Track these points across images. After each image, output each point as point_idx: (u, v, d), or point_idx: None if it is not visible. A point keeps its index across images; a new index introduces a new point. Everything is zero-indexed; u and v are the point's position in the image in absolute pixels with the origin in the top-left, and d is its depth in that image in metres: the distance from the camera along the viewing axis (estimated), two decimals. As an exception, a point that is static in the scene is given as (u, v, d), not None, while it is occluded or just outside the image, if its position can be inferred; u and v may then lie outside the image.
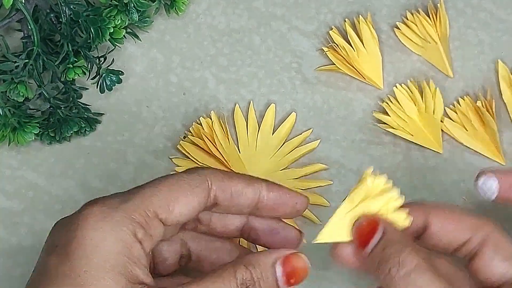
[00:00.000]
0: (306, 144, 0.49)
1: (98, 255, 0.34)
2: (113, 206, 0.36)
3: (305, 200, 0.40)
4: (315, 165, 0.48)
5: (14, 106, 0.45)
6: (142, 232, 0.36)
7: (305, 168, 0.48)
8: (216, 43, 0.51)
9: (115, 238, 0.35)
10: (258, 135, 0.49)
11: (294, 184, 0.48)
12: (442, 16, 0.50)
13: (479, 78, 0.50)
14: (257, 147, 0.49)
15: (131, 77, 0.51)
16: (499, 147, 0.48)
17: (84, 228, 0.35)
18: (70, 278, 0.34)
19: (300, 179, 0.48)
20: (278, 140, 0.49)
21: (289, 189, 0.40)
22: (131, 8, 0.47)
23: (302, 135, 0.49)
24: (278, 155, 0.49)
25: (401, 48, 0.51)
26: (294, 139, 0.49)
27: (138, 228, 0.36)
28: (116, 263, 0.35)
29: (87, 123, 0.48)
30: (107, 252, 0.35)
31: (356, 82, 0.50)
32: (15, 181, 0.49)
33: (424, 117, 0.48)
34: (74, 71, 0.46)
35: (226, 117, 0.49)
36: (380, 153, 0.49)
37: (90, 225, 0.35)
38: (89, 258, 0.34)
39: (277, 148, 0.49)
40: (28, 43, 0.47)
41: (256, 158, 0.48)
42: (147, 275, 0.36)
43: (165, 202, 0.37)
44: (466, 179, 0.48)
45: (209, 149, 0.48)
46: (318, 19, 0.51)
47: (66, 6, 0.46)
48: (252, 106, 0.49)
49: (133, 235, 0.35)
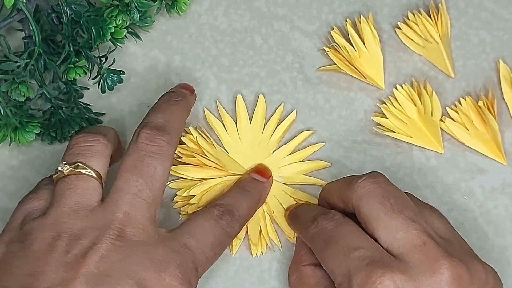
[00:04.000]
0: (310, 145, 0.49)
1: None
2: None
3: None
4: (317, 162, 0.49)
5: (15, 106, 0.45)
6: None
7: (303, 151, 0.49)
8: (218, 43, 0.51)
9: None
10: (243, 129, 0.49)
11: (293, 168, 0.48)
12: (444, 16, 0.50)
13: (481, 78, 0.50)
14: (242, 140, 0.49)
15: (132, 77, 0.51)
16: (500, 147, 0.48)
17: None
18: None
19: (299, 164, 0.48)
20: (268, 130, 0.49)
21: None
22: (132, 8, 0.47)
23: (287, 120, 0.49)
24: (263, 140, 0.49)
25: (402, 48, 0.51)
26: (273, 118, 0.49)
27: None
28: None
29: (89, 123, 0.48)
30: None
31: (358, 82, 0.50)
32: (16, 181, 0.49)
33: (424, 118, 0.48)
34: (75, 71, 0.46)
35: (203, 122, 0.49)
36: (382, 153, 0.49)
37: None
38: None
39: (266, 137, 0.49)
40: (30, 43, 0.47)
41: (247, 151, 0.49)
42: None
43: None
44: (468, 179, 0.48)
45: (202, 163, 0.48)
46: (320, 19, 0.51)
47: (67, 6, 0.46)
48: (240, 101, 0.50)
49: None
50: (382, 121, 0.49)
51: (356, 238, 0.39)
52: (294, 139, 0.49)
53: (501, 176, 0.48)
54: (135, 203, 0.41)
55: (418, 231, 0.38)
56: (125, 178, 0.41)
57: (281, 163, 0.48)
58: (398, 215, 0.39)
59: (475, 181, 0.48)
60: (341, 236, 0.40)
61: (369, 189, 0.41)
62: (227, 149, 0.49)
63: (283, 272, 0.46)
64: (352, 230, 0.40)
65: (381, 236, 0.39)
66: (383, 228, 0.39)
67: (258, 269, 0.47)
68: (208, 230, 0.42)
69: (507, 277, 0.46)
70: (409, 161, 0.48)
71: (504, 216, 0.47)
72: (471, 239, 0.46)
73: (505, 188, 0.48)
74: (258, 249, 0.47)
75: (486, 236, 0.47)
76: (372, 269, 0.37)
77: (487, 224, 0.47)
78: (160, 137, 0.42)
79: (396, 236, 0.39)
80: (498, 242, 0.47)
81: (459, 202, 0.48)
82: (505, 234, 0.47)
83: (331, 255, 0.40)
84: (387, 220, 0.39)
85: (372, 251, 0.38)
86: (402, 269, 0.37)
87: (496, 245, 0.47)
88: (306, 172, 0.48)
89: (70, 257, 0.39)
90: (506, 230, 0.47)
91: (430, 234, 0.39)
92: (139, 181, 0.41)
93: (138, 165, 0.41)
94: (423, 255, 0.38)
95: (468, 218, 0.47)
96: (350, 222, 0.41)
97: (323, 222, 0.41)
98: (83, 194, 0.41)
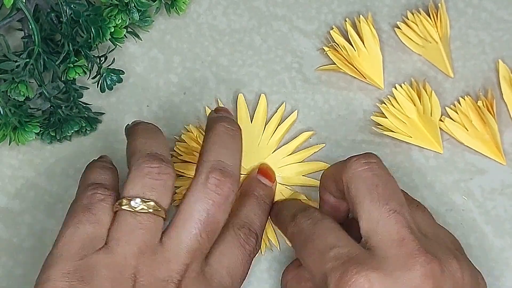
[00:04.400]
0: (310, 146, 0.49)
1: None
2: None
3: None
4: (317, 163, 0.49)
5: (14, 105, 0.45)
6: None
7: (303, 151, 0.49)
8: (217, 43, 0.51)
9: None
10: (244, 128, 0.49)
11: (293, 169, 0.48)
12: (443, 16, 0.50)
13: (480, 78, 0.50)
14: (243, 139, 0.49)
15: (132, 77, 0.51)
16: (499, 147, 0.48)
17: None
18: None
19: (299, 164, 0.49)
20: (269, 131, 0.49)
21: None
22: (131, 7, 0.47)
23: (289, 119, 0.49)
24: (264, 140, 0.49)
25: (401, 48, 0.51)
26: (274, 117, 0.49)
27: None
28: None
29: (88, 122, 0.48)
30: None
31: (357, 82, 0.50)
32: (16, 181, 0.49)
33: (423, 118, 0.48)
34: (75, 71, 0.46)
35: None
36: (381, 153, 0.49)
37: None
38: None
39: (266, 137, 0.49)
40: (29, 42, 0.47)
41: (247, 151, 0.49)
42: None
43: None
44: (467, 179, 0.48)
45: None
46: (319, 19, 0.51)
47: (66, 6, 0.46)
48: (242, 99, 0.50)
49: None
50: (381, 121, 0.49)
51: (332, 236, 0.39)
52: (294, 139, 0.49)
53: (500, 177, 0.48)
54: (194, 255, 0.40)
55: (398, 225, 0.38)
56: (189, 231, 0.39)
57: (281, 163, 0.48)
58: (382, 206, 0.38)
59: (474, 181, 0.48)
60: (318, 234, 0.40)
61: (360, 172, 0.40)
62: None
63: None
64: (329, 228, 0.40)
65: (363, 225, 0.39)
66: (366, 217, 0.39)
67: (257, 269, 0.47)
68: (238, 262, 0.41)
69: (506, 277, 0.46)
70: (408, 161, 0.48)
71: (503, 217, 0.47)
72: (469, 240, 0.47)
73: (504, 189, 0.48)
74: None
75: (485, 236, 0.47)
76: (347, 267, 0.37)
77: (486, 224, 0.47)
78: (229, 185, 0.40)
79: (376, 229, 0.38)
80: (497, 243, 0.47)
81: (458, 202, 0.48)
82: (504, 235, 0.47)
83: (308, 254, 0.39)
84: (371, 209, 0.39)
85: (348, 249, 0.38)
86: (377, 265, 0.37)
87: (495, 245, 0.47)
88: (306, 173, 0.48)
89: None
90: (505, 230, 0.47)
91: (410, 228, 0.38)
92: (202, 235, 0.40)
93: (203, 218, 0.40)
94: (400, 251, 0.37)
95: (467, 218, 0.47)
96: (327, 220, 0.41)
97: (301, 220, 0.41)
98: (153, 234, 0.39)
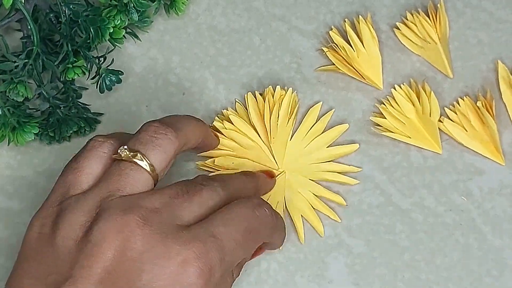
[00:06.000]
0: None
1: None
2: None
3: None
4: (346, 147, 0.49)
5: (13, 106, 0.45)
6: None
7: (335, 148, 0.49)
8: (216, 43, 0.51)
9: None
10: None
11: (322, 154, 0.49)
12: (442, 16, 0.50)
13: (479, 78, 0.50)
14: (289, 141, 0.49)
15: (131, 77, 0.51)
16: (498, 148, 0.48)
17: None
18: None
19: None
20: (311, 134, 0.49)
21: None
22: (130, 8, 0.47)
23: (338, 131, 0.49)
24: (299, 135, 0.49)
25: (400, 49, 0.51)
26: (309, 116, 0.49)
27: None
28: None
29: (87, 123, 0.48)
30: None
31: (356, 82, 0.50)
32: (15, 181, 0.49)
33: (422, 118, 0.48)
34: (74, 71, 0.46)
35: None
36: (380, 153, 0.49)
37: None
38: None
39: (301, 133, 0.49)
40: (28, 43, 0.47)
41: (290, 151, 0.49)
42: None
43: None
44: (466, 179, 0.48)
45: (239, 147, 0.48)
46: (318, 19, 0.51)
47: (65, 6, 0.46)
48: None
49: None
50: (380, 121, 0.49)
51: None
52: (329, 130, 0.49)
53: (499, 177, 0.48)
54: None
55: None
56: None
57: (312, 157, 0.48)
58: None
59: (473, 181, 0.48)
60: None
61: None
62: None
63: (282, 272, 0.46)
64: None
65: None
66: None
67: (257, 269, 0.47)
68: (242, 216, 0.40)
69: (505, 277, 0.46)
70: (407, 161, 0.48)
71: (502, 217, 0.47)
72: (468, 240, 0.47)
73: (503, 189, 0.48)
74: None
75: (483, 236, 0.47)
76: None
77: (484, 224, 0.47)
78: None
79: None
80: (495, 243, 0.47)
81: (457, 203, 0.48)
82: (503, 235, 0.47)
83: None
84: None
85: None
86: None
87: (494, 246, 0.47)
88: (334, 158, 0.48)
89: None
90: (503, 231, 0.47)
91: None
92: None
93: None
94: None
95: (465, 218, 0.47)
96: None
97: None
98: (131, 184, 0.40)
